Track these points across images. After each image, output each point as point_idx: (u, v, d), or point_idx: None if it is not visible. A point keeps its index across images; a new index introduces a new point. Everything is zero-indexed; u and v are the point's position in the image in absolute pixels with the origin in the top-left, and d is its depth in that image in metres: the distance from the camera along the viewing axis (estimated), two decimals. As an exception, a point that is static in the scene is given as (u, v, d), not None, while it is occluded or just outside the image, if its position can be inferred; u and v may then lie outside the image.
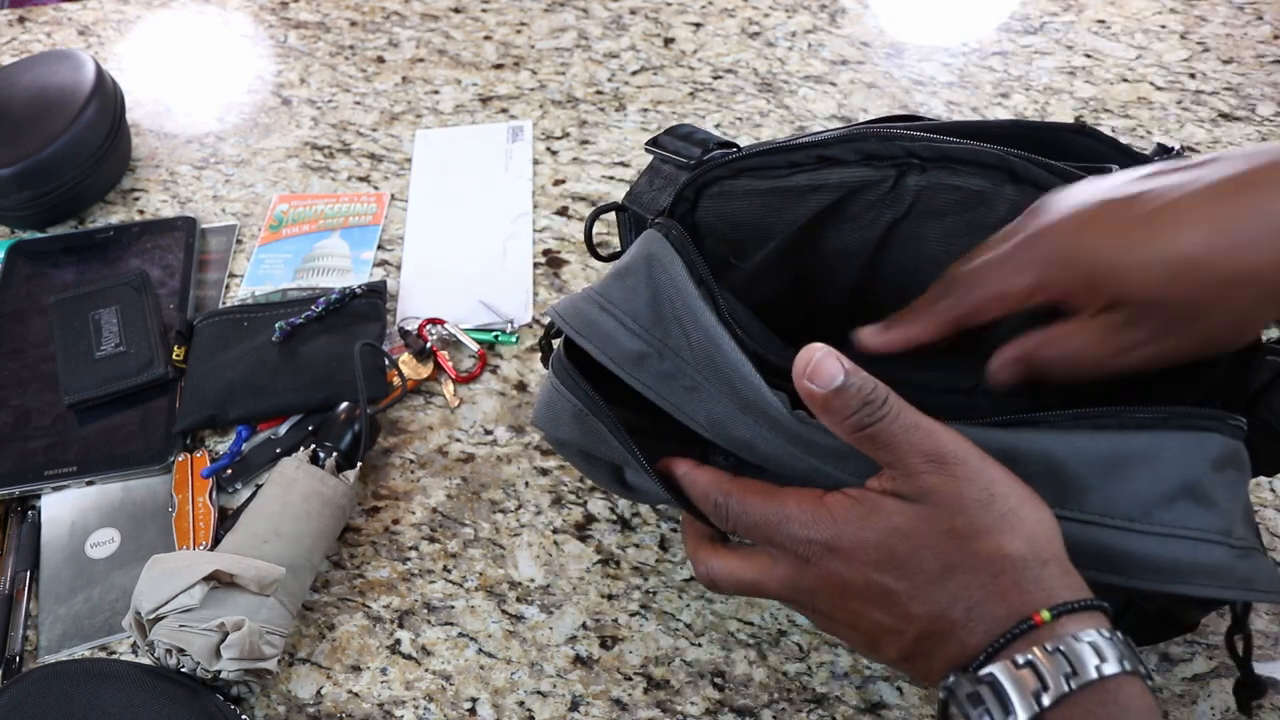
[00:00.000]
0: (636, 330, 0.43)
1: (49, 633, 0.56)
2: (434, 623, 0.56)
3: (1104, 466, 0.36)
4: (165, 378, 0.66)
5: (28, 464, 0.62)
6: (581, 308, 0.45)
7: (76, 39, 0.95)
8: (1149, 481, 0.36)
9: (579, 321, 0.45)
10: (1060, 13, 0.92)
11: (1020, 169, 0.41)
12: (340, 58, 0.91)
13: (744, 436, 0.40)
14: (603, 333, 0.44)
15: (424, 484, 0.62)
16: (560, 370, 0.45)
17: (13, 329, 0.70)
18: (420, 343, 0.67)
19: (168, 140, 0.85)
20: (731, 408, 0.40)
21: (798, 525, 0.38)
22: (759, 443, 0.40)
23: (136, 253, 0.75)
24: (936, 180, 0.43)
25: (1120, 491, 0.36)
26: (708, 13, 0.93)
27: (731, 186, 0.47)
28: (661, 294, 0.43)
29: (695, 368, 0.41)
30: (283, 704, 0.53)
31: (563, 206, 0.77)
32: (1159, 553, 0.36)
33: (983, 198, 0.42)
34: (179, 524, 0.59)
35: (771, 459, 0.40)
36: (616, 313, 0.44)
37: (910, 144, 0.44)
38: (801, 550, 0.38)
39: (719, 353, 0.41)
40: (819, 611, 0.40)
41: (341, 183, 0.81)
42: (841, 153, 0.45)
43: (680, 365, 0.42)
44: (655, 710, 0.52)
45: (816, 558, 0.38)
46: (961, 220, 0.43)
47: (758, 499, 0.39)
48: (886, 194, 0.44)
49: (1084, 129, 0.50)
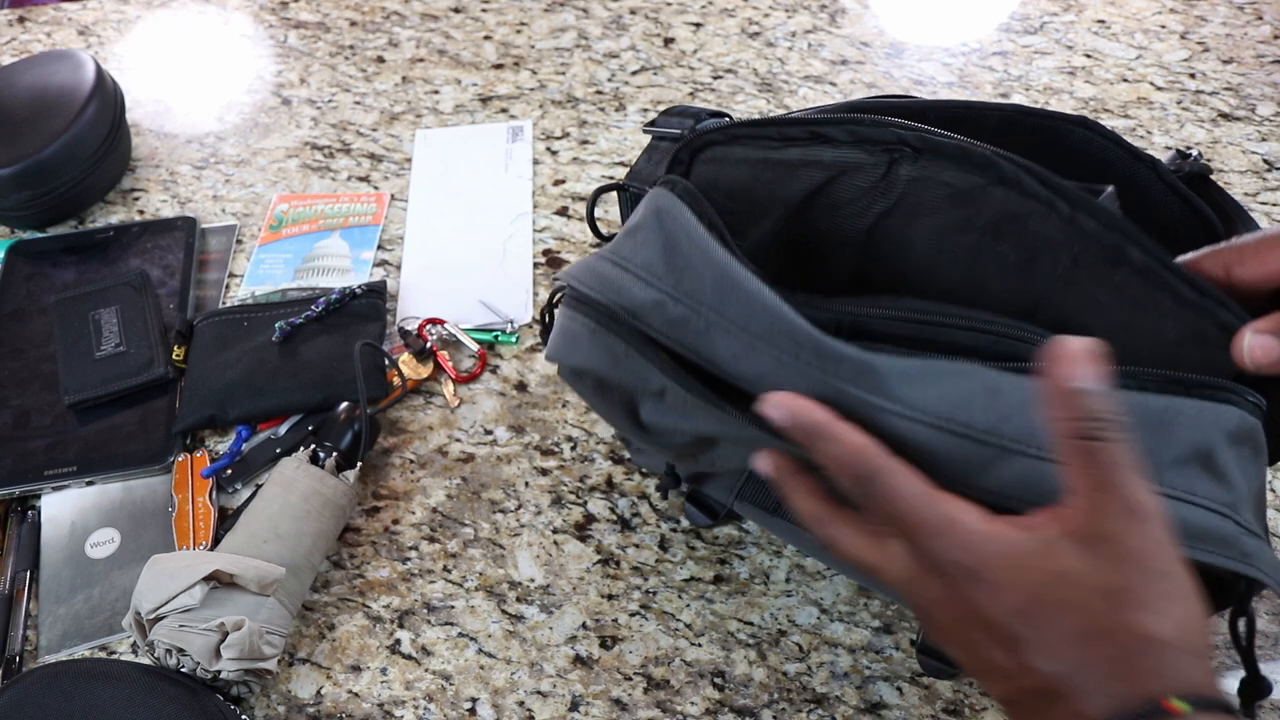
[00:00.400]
0: (650, 280, 0.43)
1: (49, 633, 0.56)
2: (434, 623, 0.56)
3: None
4: (165, 378, 0.66)
5: (28, 464, 0.62)
6: (593, 265, 0.45)
7: (76, 39, 0.95)
8: (1162, 443, 0.36)
9: (591, 278, 0.45)
10: (1060, 13, 0.92)
11: (1009, 172, 0.41)
12: (340, 58, 0.91)
13: (760, 368, 0.39)
14: (616, 286, 0.44)
15: (424, 484, 0.62)
16: (572, 301, 0.45)
17: (13, 329, 0.70)
18: (420, 343, 0.67)
19: (168, 140, 0.85)
20: (747, 338, 0.40)
21: (948, 539, 0.35)
22: (778, 371, 0.39)
23: (136, 253, 0.75)
24: (927, 173, 0.43)
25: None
26: (708, 13, 0.93)
27: (726, 153, 0.47)
28: (672, 242, 0.43)
29: (709, 308, 0.41)
30: (283, 704, 0.53)
31: (563, 206, 0.77)
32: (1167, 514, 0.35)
33: (971, 197, 0.42)
34: (179, 524, 0.59)
35: (787, 386, 0.39)
36: (629, 266, 0.44)
37: (902, 131, 0.43)
38: (942, 565, 0.35)
39: (734, 284, 0.40)
40: (930, 617, 0.37)
41: (341, 183, 0.81)
42: (835, 132, 0.45)
43: (693, 309, 0.41)
44: (655, 710, 0.52)
45: (955, 577, 0.35)
46: (950, 219, 0.43)
47: (914, 488, 0.36)
48: (878, 181, 0.44)
49: (1085, 122, 0.50)
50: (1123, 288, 0.39)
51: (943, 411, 0.36)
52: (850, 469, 0.37)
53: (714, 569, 0.57)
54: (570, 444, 0.63)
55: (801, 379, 0.38)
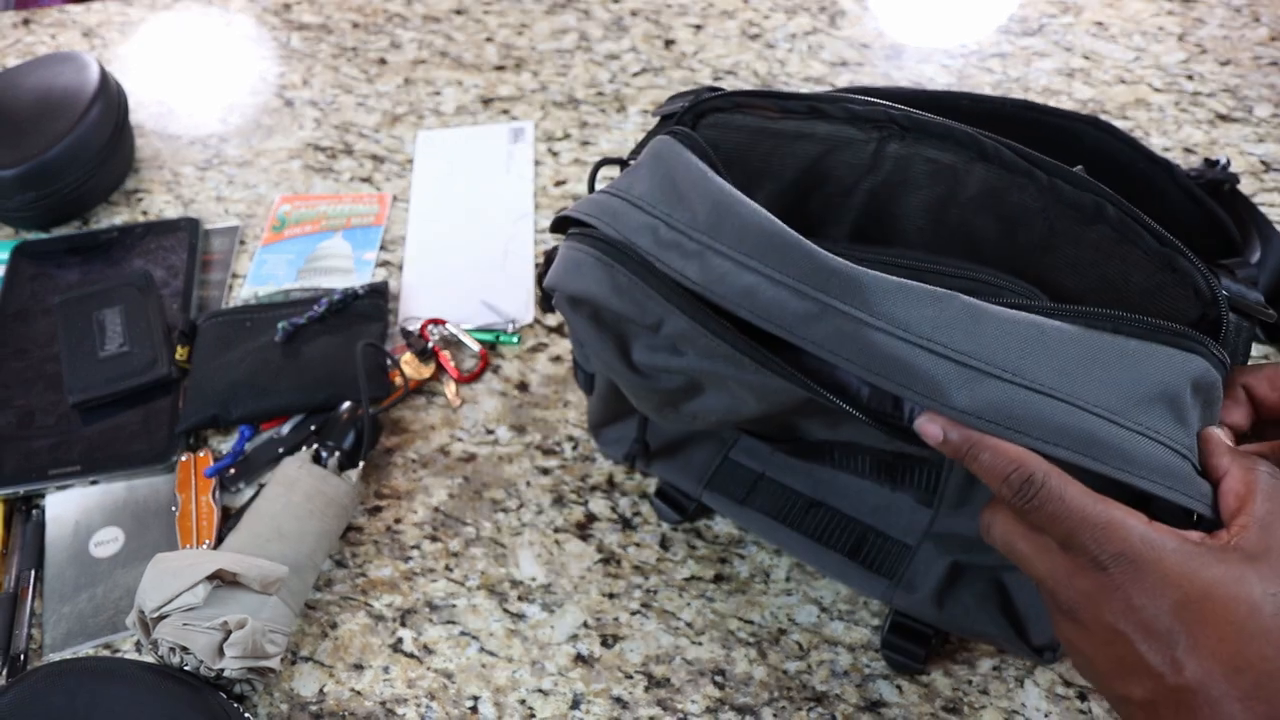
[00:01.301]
0: (644, 207, 0.44)
1: (53, 631, 0.56)
2: (436, 621, 0.56)
3: (1092, 354, 0.37)
4: (169, 377, 0.66)
5: (32, 463, 0.63)
6: (595, 198, 0.47)
7: (81, 41, 0.96)
8: (1134, 380, 0.37)
9: (591, 207, 0.46)
10: (1058, 14, 0.92)
11: (990, 150, 0.43)
12: (343, 59, 0.92)
13: (747, 283, 0.40)
14: (614, 213, 0.45)
15: (426, 483, 0.62)
16: (574, 234, 0.46)
17: (17, 329, 0.71)
18: (422, 343, 0.68)
19: (171, 141, 0.85)
20: (737, 256, 0.41)
21: (1115, 534, 0.35)
22: (763, 288, 0.40)
23: (140, 253, 0.75)
24: (913, 150, 0.45)
25: (1103, 381, 0.37)
26: (708, 14, 0.94)
27: (727, 120, 0.48)
28: (670, 176, 0.44)
29: (703, 233, 0.42)
30: (285, 702, 0.53)
31: (564, 207, 0.77)
32: (1133, 448, 0.36)
33: (955, 173, 0.44)
34: (182, 523, 0.59)
35: (774, 304, 0.39)
36: (627, 196, 0.45)
37: (892, 110, 0.45)
38: (1104, 560, 0.36)
39: (729, 208, 0.41)
40: (1073, 616, 0.37)
41: (344, 183, 0.81)
42: (830, 108, 0.46)
43: (686, 234, 0.42)
44: (656, 708, 0.52)
45: (1116, 572, 0.35)
46: (934, 194, 0.44)
47: (1078, 489, 0.36)
48: (869, 158, 0.46)
49: (1097, 122, 0.51)
50: (1097, 244, 0.41)
51: (924, 331, 0.37)
52: (1012, 476, 0.37)
53: (715, 568, 0.57)
54: (571, 444, 0.64)
55: (791, 295, 0.39)
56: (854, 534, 0.54)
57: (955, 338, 0.37)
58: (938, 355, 0.37)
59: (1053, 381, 0.37)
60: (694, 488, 0.57)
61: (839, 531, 0.54)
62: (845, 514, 0.55)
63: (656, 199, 0.44)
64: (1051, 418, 0.36)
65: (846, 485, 0.55)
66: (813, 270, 0.39)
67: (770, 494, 0.56)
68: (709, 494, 0.57)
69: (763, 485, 0.56)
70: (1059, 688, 0.52)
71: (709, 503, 0.57)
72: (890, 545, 0.53)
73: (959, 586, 0.51)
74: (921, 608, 0.51)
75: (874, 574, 0.52)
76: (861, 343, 0.38)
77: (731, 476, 0.57)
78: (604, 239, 0.44)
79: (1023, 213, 0.42)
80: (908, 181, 0.45)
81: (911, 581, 0.51)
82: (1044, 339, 0.37)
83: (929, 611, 0.51)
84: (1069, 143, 0.51)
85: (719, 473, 0.57)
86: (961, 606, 0.50)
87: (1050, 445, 0.36)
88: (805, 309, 0.39)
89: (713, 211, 0.42)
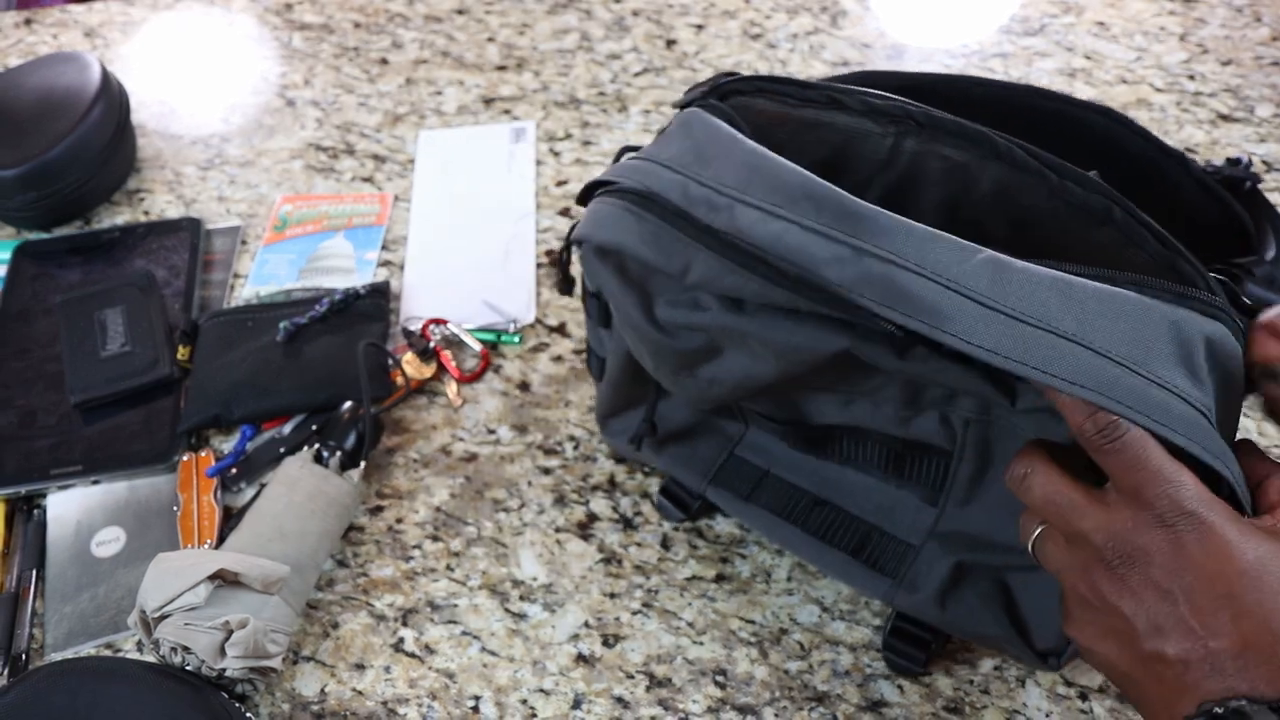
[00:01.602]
0: (674, 167, 0.45)
1: (55, 631, 0.56)
2: (437, 621, 0.56)
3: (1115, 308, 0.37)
4: (170, 377, 0.66)
5: (33, 463, 0.63)
6: (624, 163, 0.47)
7: (82, 41, 0.96)
8: (1154, 335, 0.37)
9: (622, 170, 0.47)
10: (1060, 14, 0.92)
11: (1003, 149, 0.43)
12: (344, 59, 0.92)
13: (775, 229, 0.41)
14: (641, 171, 0.46)
15: (427, 483, 0.62)
16: (603, 192, 0.47)
17: (19, 329, 0.71)
18: (423, 342, 0.68)
19: (173, 141, 0.85)
20: (766, 207, 0.41)
21: (1188, 491, 0.35)
22: (791, 234, 0.40)
23: (142, 253, 0.75)
24: (929, 147, 0.45)
25: (1126, 334, 0.37)
26: (709, 14, 0.94)
27: (749, 103, 0.49)
28: (700, 140, 0.45)
29: (734, 189, 0.43)
30: (287, 702, 0.53)
31: (565, 207, 0.78)
32: (1158, 397, 0.36)
33: (968, 171, 0.44)
34: (184, 523, 0.59)
35: (802, 248, 0.40)
36: (657, 159, 0.46)
37: (909, 106, 0.45)
38: (1172, 515, 0.35)
39: (760, 164, 0.43)
40: (1118, 569, 0.37)
41: (345, 183, 0.81)
42: (849, 100, 0.47)
43: (717, 190, 0.43)
44: (657, 708, 0.52)
45: (1184, 531, 0.35)
46: (948, 191, 0.45)
47: (1155, 442, 0.36)
48: (885, 153, 0.46)
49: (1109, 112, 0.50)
50: (1104, 246, 0.41)
51: (952, 274, 0.38)
52: (1098, 414, 0.37)
53: (716, 567, 0.57)
54: (573, 443, 0.64)
55: (820, 240, 0.40)
56: (858, 533, 0.53)
57: (981, 283, 0.38)
58: (964, 296, 0.38)
59: (1075, 329, 0.37)
60: (699, 483, 0.57)
61: (842, 530, 0.54)
62: (849, 512, 0.54)
63: (687, 161, 0.45)
64: (1075, 360, 0.36)
65: (852, 483, 0.54)
66: (844, 215, 0.40)
67: (775, 491, 0.56)
68: (714, 490, 0.56)
69: (768, 482, 0.56)
70: (1060, 688, 0.52)
71: (713, 499, 0.57)
72: (894, 544, 0.53)
73: (962, 587, 0.50)
74: (924, 608, 0.51)
75: (877, 573, 0.52)
76: (888, 283, 0.38)
77: (737, 473, 0.57)
78: (633, 190, 0.45)
79: (1033, 213, 0.43)
80: (922, 178, 0.45)
81: (914, 581, 0.51)
82: (1069, 290, 0.38)
83: (931, 612, 0.51)
84: (1081, 133, 0.51)
85: (724, 469, 0.57)
86: (965, 607, 0.50)
87: (1075, 386, 0.36)
88: (835, 252, 0.40)
89: (743, 168, 0.43)
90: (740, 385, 0.48)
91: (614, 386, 0.56)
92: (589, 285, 0.53)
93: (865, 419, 0.50)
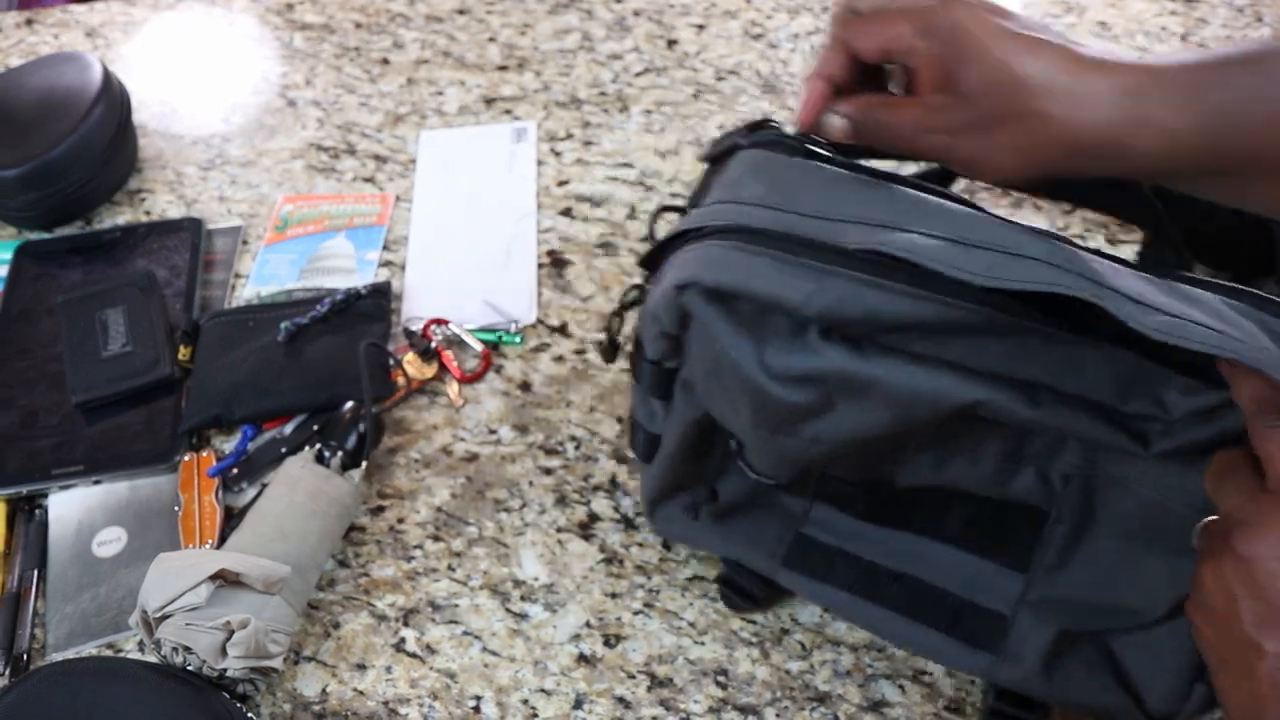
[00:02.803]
0: (765, 204, 0.43)
1: (56, 631, 0.56)
2: (438, 621, 0.56)
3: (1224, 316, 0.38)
4: (171, 377, 0.66)
5: (35, 463, 0.63)
6: (696, 212, 0.45)
7: (83, 41, 0.96)
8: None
9: (697, 219, 0.44)
10: (1061, 15, 0.92)
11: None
12: (345, 59, 0.92)
13: (902, 240, 0.39)
14: (730, 213, 0.43)
15: (428, 483, 0.62)
16: (694, 237, 0.43)
17: (20, 329, 0.71)
18: (424, 343, 0.68)
19: (174, 141, 0.85)
20: (885, 222, 0.40)
21: None
22: (921, 241, 0.39)
23: (143, 253, 0.75)
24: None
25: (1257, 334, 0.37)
26: (710, 14, 0.94)
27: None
28: (778, 175, 0.44)
29: (834, 217, 0.42)
30: (288, 702, 0.53)
31: (566, 207, 0.78)
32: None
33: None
34: (185, 523, 0.59)
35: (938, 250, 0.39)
36: (737, 200, 0.44)
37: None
38: None
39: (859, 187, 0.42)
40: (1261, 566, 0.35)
41: (346, 183, 0.81)
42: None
43: (821, 218, 0.42)
44: (658, 708, 0.52)
45: None
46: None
47: None
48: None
49: None
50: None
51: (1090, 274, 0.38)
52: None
53: (717, 567, 0.57)
54: (574, 443, 0.64)
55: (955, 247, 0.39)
56: (947, 606, 0.49)
57: (1148, 290, 0.38)
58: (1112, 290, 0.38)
59: (1239, 334, 0.37)
60: (768, 565, 0.52)
61: (930, 604, 0.49)
62: (933, 585, 0.49)
63: (775, 198, 0.43)
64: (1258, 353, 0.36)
65: (930, 554, 0.49)
66: (970, 228, 0.39)
67: (851, 568, 0.50)
68: (786, 572, 0.51)
69: (841, 560, 0.51)
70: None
71: (785, 582, 0.52)
72: (985, 616, 0.48)
73: (1066, 656, 0.47)
74: (1029, 681, 0.47)
75: (975, 648, 0.48)
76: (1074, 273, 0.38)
77: (807, 553, 0.51)
78: (733, 228, 0.42)
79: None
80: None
81: (1017, 653, 0.47)
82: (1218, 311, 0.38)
83: (1037, 685, 0.47)
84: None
85: (794, 548, 0.51)
86: (1072, 677, 0.47)
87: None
88: (978, 256, 0.38)
89: (838, 197, 0.42)
90: (845, 443, 0.44)
91: (669, 463, 0.50)
92: (650, 350, 0.47)
93: (959, 478, 0.46)
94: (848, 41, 0.44)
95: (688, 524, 0.53)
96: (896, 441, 0.44)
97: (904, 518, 0.49)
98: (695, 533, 0.53)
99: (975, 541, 0.48)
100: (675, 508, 0.53)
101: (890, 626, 0.50)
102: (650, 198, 0.78)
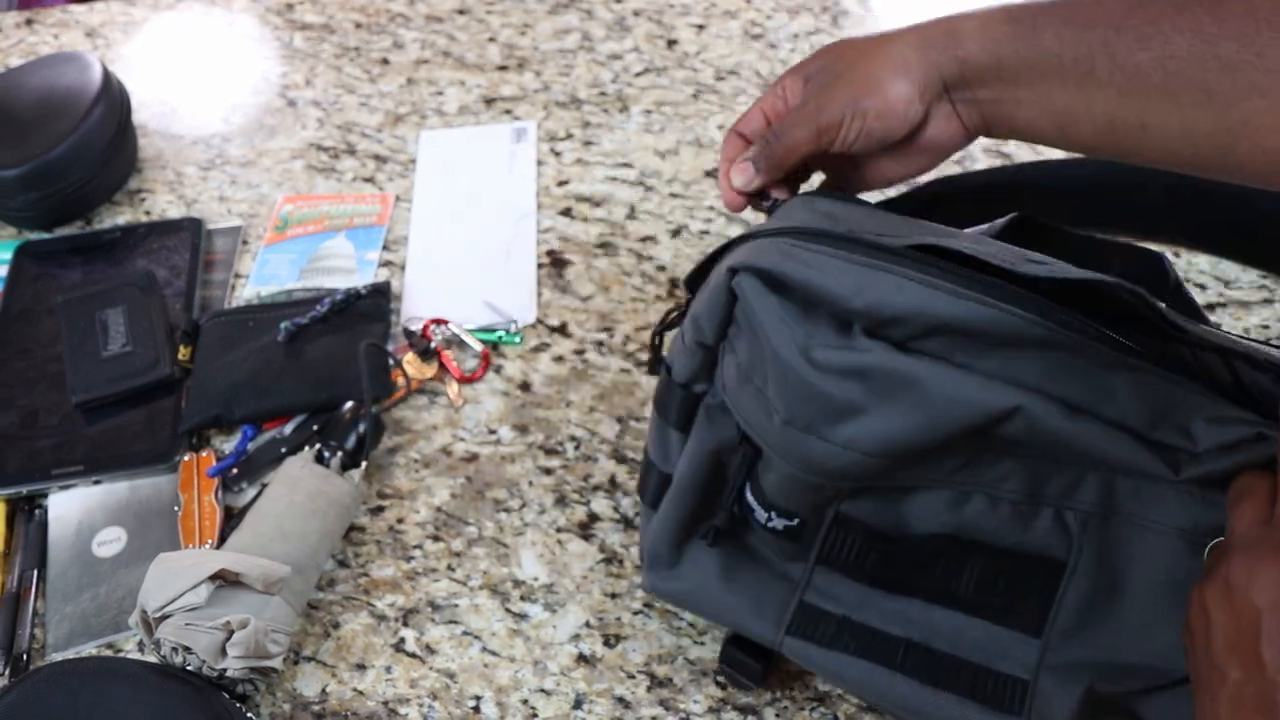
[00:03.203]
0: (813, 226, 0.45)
1: (56, 631, 0.56)
2: (438, 621, 0.56)
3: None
4: (171, 377, 0.66)
5: (35, 463, 0.63)
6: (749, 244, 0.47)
7: (83, 41, 0.96)
8: None
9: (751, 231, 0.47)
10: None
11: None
12: (345, 59, 0.92)
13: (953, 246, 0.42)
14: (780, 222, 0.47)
15: (428, 483, 0.62)
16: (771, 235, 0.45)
17: (20, 329, 0.71)
18: (424, 343, 0.68)
19: (174, 141, 0.85)
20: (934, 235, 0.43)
21: None
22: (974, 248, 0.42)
23: (143, 253, 0.75)
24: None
25: None
26: (710, 14, 0.94)
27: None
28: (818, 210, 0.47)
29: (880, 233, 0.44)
30: (288, 702, 0.53)
31: (566, 207, 0.78)
32: None
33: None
34: (185, 523, 0.59)
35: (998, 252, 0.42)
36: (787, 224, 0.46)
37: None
38: None
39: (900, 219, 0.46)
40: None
41: (346, 183, 0.81)
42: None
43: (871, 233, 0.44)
44: (658, 708, 0.52)
45: None
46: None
47: None
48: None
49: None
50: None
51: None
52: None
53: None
54: (574, 443, 0.64)
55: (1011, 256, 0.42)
56: (964, 672, 0.46)
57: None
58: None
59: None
60: (771, 633, 0.49)
61: (946, 670, 0.46)
62: (947, 653, 0.46)
63: (824, 222, 0.45)
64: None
65: (940, 621, 0.47)
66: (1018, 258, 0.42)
67: (859, 636, 0.48)
68: (790, 640, 0.49)
69: (848, 627, 0.48)
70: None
71: (789, 652, 0.49)
72: (1004, 681, 0.46)
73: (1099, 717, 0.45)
74: None
75: (1000, 713, 0.45)
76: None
77: (811, 621, 0.49)
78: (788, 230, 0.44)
79: None
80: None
81: (1045, 715, 0.45)
82: None
83: None
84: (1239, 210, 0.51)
85: (797, 617, 0.49)
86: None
87: None
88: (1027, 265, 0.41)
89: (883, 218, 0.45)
90: (875, 452, 0.42)
91: (680, 500, 0.49)
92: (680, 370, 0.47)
93: (977, 520, 0.45)
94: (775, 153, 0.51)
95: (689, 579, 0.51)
96: (925, 458, 0.43)
97: (911, 584, 0.47)
98: (697, 588, 0.51)
99: (987, 605, 0.46)
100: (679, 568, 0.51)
101: (907, 696, 0.47)
102: (650, 198, 0.78)
